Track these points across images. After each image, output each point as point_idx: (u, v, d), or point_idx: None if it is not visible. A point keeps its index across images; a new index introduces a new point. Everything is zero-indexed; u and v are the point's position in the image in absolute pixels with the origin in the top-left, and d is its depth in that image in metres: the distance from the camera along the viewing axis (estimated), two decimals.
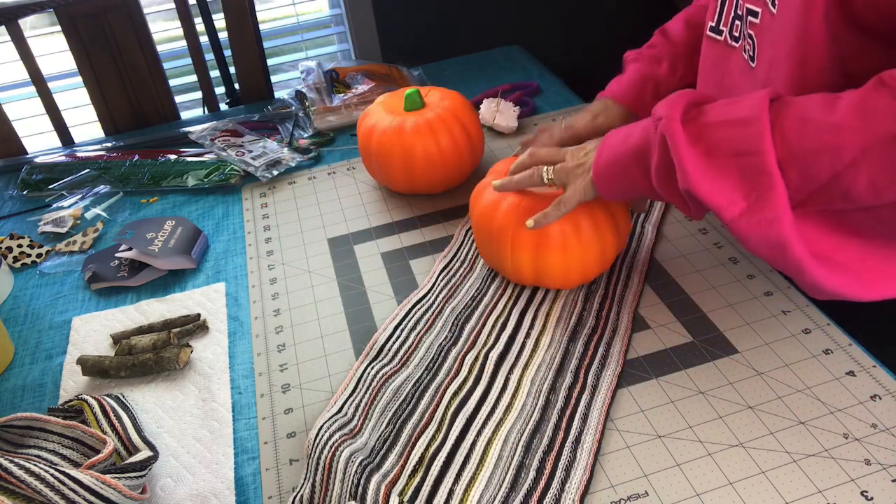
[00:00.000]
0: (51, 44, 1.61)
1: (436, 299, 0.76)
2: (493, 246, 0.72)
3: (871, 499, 0.53)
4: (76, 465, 0.59)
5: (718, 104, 0.56)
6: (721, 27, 0.72)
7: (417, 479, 0.57)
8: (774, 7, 0.59)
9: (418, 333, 0.71)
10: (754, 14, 0.63)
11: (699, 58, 0.81)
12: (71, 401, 0.65)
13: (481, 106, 1.08)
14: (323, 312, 0.77)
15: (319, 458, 0.58)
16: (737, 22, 0.70)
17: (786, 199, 0.50)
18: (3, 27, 1.18)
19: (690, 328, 0.69)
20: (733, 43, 0.71)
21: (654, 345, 0.68)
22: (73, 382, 0.72)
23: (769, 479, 0.55)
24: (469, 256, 0.81)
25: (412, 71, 1.26)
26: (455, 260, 0.81)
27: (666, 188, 0.58)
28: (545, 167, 0.69)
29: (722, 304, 0.71)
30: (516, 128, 1.06)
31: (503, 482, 0.56)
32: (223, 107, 1.37)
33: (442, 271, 0.80)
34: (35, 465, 0.52)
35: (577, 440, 0.59)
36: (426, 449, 0.59)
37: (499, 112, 1.05)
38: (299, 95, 1.20)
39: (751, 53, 0.66)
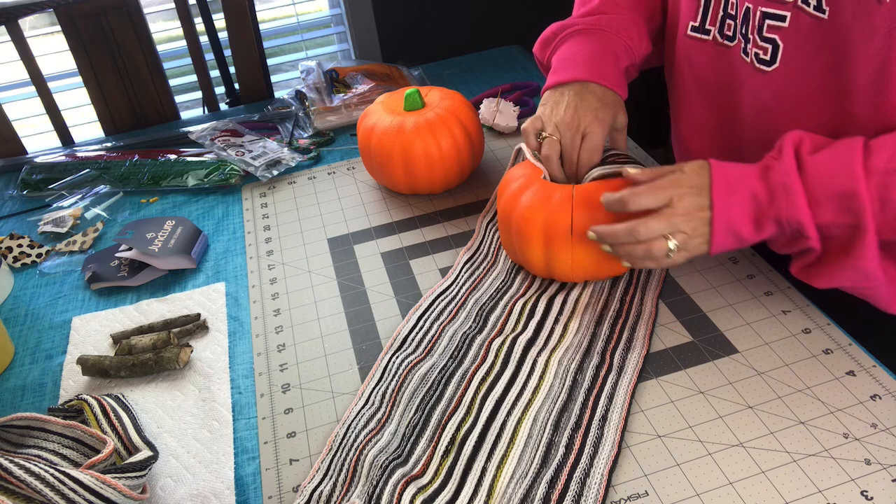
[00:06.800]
0: (51, 44, 1.61)
1: (459, 290, 0.77)
2: (551, 250, 0.69)
3: (871, 499, 0.53)
4: (76, 465, 0.59)
5: (826, 193, 0.57)
6: (708, 26, 0.72)
7: (450, 458, 0.58)
8: (824, 12, 0.58)
9: (441, 324, 0.72)
10: (777, 18, 0.63)
11: (646, 31, 0.80)
12: (71, 401, 0.65)
13: (481, 106, 1.08)
14: (323, 312, 0.77)
15: (345, 459, 0.59)
16: (728, 21, 0.69)
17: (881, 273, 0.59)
18: (3, 27, 1.18)
19: (690, 328, 0.69)
20: (727, 42, 0.70)
21: (654, 345, 0.68)
22: (73, 382, 0.72)
23: (769, 479, 0.55)
24: (492, 249, 0.82)
25: (412, 71, 1.26)
26: (478, 253, 0.82)
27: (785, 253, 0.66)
28: (669, 240, 0.61)
29: (722, 304, 0.71)
30: (516, 128, 1.06)
31: (534, 459, 0.58)
32: (223, 107, 1.37)
33: (465, 263, 0.81)
34: (35, 465, 0.52)
35: (605, 418, 0.60)
36: (457, 431, 0.61)
37: (499, 112, 1.05)
38: (299, 95, 1.20)
39: (764, 57, 0.65)
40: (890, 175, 0.54)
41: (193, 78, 1.43)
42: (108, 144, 1.16)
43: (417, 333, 0.72)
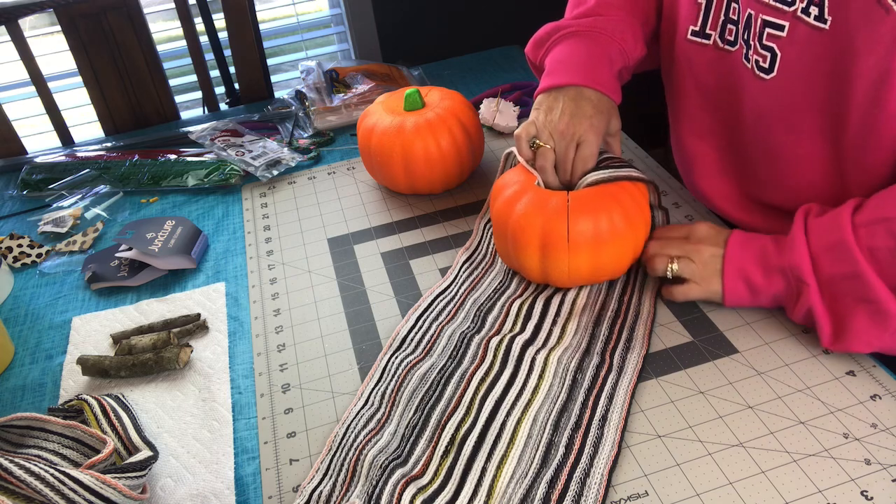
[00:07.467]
0: (51, 44, 1.61)
1: (458, 291, 0.76)
2: (548, 258, 0.69)
3: (871, 499, 0.53)
4: (76, 465, 0.59)
5: (827, 256, 0.61)
6: (708, 31, 0.72)
7: (450, 459, 0.58)
8: (825, 23, 0.59)
9: (440, 324, 0.72)
10: (777, 27, 0.63)
11: (640, 33, 0.79)
12: (71, 401, 0.65)
13: (481, 106, 1.08)
14: (323, 312, 0.77)
15: (345, 459, 0.59)
16: (730, 26, 0.69)
17: None
18: (3, 27, 1.18)
19: (690, 328, 0.69)
20: (728, 47, 0.70)
21: (654, 345, 0.68)
22: (73, 382, 0.72)
23: (769, 479, 0.55)
24: (490, 250, 0.82)
25: (412, 71, 1.26)
26: (477, 253, 0.82)
27: (804, 322, 0.66)
28: (671, 263, 0.69)
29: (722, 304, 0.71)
30: (515, 128, 1.06)
31: (534, 459, 0.58)
32: (223, 107, 1.37)
33: (464, 264, 0.80)
34: (35, 465, 0.52)
35: (604, 418, 0.60)
36: (456, 431, 0.61)
37: (499, 112, 1.05)
38: (299, 95, 1.20)
39: (763, 65, 0.65)
40: (872, 225, 0.58)
41: (193, 78, 1.44)
42: (108, 144, 1.16)
43: (416, 333, 0.72)
